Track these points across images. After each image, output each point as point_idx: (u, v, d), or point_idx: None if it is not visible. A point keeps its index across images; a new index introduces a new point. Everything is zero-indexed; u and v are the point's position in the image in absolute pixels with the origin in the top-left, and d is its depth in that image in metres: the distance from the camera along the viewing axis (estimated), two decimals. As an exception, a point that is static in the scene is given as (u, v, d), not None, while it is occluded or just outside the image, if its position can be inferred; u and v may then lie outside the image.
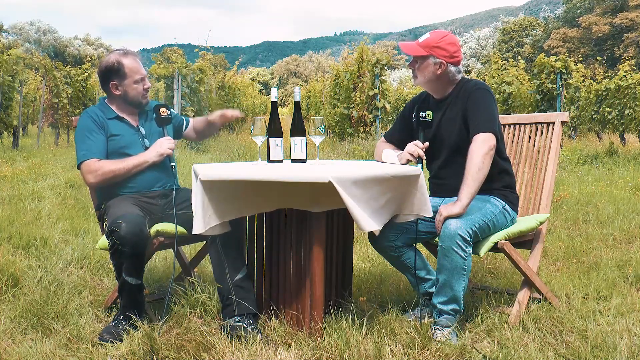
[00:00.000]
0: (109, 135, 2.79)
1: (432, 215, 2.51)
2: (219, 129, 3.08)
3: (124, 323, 2.51)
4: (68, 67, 15.01)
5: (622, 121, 12.25)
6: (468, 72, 46.39)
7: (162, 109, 2.82)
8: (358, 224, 2.27)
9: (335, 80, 13.73)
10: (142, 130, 2.88)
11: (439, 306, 2.48)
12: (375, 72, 11.06)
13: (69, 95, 14.25)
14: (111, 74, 2.81)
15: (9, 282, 3.00)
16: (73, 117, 3.17)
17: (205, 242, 2.93)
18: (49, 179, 6.99)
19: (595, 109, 13.59)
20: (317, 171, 2.32)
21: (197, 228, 2.36)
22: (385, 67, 11.17)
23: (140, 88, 2.83)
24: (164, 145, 2.81)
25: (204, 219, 2.36)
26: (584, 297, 2.92)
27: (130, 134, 2.84)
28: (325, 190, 2.31)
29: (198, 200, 2.36)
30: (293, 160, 2.69)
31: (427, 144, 2.65)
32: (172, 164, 2.86)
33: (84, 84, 15.03)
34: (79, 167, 2.74)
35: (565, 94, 10.33)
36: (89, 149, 2.72)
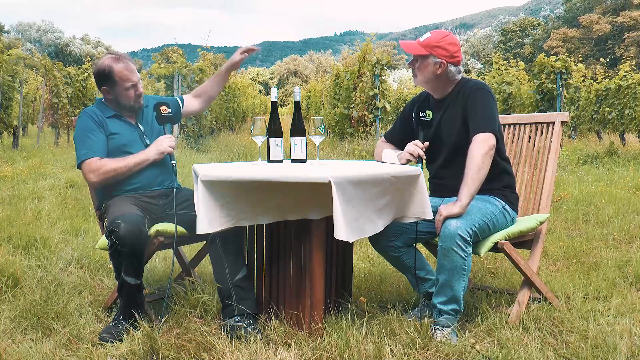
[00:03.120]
0: (108, 133, 2.78)
1: (432, 216, 2.51)
2: (226, 80, 3.14)
3: (124, 323, 2.51)
4: (68, 67, 15.02)
5: (622, 121, 12.25)
6: (468, 71, 46.40)
7: (162, 107, 2.81)
8: (335, 229, 2.21)
9: (335, 80, 13.73)
10: (141, 127, 2.88)
11: (439, 306, 2.48)
12: (376, 72, 11.06)
13: (69, 95, 14.25)
14: (102, 79, 2.81)
15: (9, 282, 3.00)
16: (73, 117, 3.18)
17: (205, 242, 2.93)
18: (49, 179, 6.99)
19: (595, 109, 13.59)
20: (317, 171, 2.32)
21: (202, 228, 2.33)
22: (386, 67, 11.16)
23: (131, 94, 2.82)
24: (164, 143, 2.81)
25: (208, 219, 2.34)
26: (584, 297, 2.92)
27: (130, 132, 2.84)
28: (325, 196, 2.29)
29: (201, 201, 2.35)
30: (293, 160, 2.69)
31: (427, 143, 2.65)
32: (172, 162, 2.86)
33: (84, 84, 15.04)
34: (79, 167, 2.74)
35: (565, 94, 10.33)
36: (90, 148, 2.72)
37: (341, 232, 2.21)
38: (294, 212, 2.43)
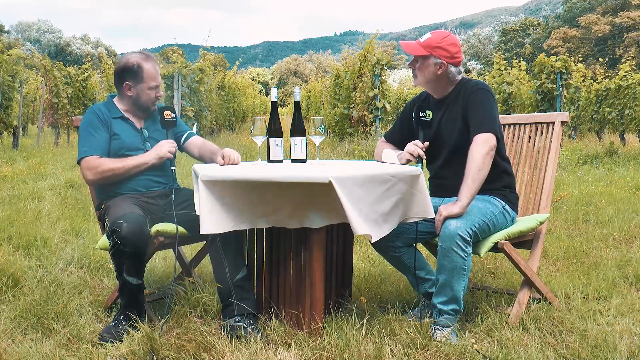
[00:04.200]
0: (111, 134, 2.78)
1: (434, 215, 2.51)
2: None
3: (124, 323, 2.50)
4: (68, 67, 15.04)
5: (622, 121, 12.26)
6: (468, 71, 46.40)
7: (166, 112, 2.80)
8: (351, 226, 2.23)
9: (335, 80, 13.73)
10: (146, 133, 2.88)
11: (439, 306, 2.48)
12: (376, 72, 11.07)
13: (69, 95, 14.25)
14: (128, 74, 2.81)
15: (9, 282, 3.00)
16: (73, 117, 3.17)
17: (205, 242, 2.92)
18: (49, 179, 6.99)
19: (595, 109, 13.60)
20: (317, 171, 2.32)
21: (206, 228, 2.32)
22: (386, 67, 11.16)
23: (152, 95, 2.83)
24: (164, 148, 2.79)
25: (214, 220, 2.33)
26: (584, 297, 2.92)
27: (132, 136, 2.84)
28: (325, 203, 2.27)
29: (203, 201, 2.34)
30: (293, 160, 2.69)
31: (427, 143, 2.65)
32: (172, 167, 2.84)
33: (84, 84, 15.05)
34: (79, 163, 2.74)
35: (565, 94, 10.33)
36: (91, 146, 2.72)
37: (360, 227, 2.21)
38: (294, 219, 2.40)
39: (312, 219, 2.37)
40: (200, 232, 2.34)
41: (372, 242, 2.40)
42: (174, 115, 2.83)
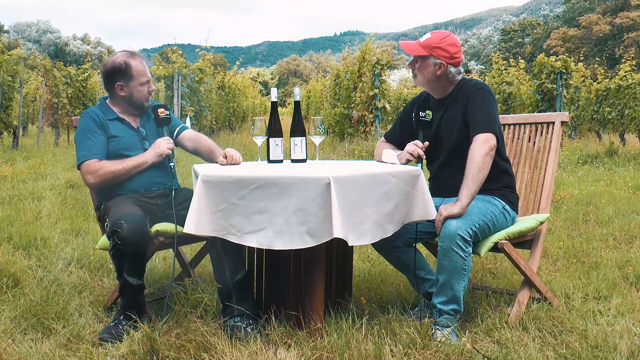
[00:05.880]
0: (109, 136, 2.78)
1: (434, 216, 2.51)
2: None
3: (124, 323, 2.50)
4: (68, 67, 15.04)
5: (622, 121, 12.25)
6: (468, 71, 46.38)
7: (160, 110, 2.82)
8: (331, 226, 2.17)
9: (335, 80, 13.73)
10: (143, 131, 2.88)
11: (439, 306, 2.48)
12: (375, 72, 11.06)
13: (69, 95, 14.25)
14: (117, 74, 2.80)
15: (9, 282, 3.00)
16: (73, 117, 3.17)
17: (205, 242, 2.92)
18: (49, 179, 6.99)
19: (595, 109, 13.59)
20: (316, 171, 2.32)
21: (189, 228, 2.30)
22: (385, 67, 11.17)
23: (145, 90, 2.83)
24: (162, 145, 2.80)
25: (197, 221, 2.30)
26: (584, 297, 2.92)
27: (130, 136, 2.84)
28: (321, 216, 2.22)
29: (196, 201, 2.33)
30: (293, 160, 2.69)
31: (426, 143, 2.65)
32: (170, 164, 2.85)
33: (84, 84, 15.06)
34: (79, 168, 2.74)
35: (565, 94, 10.33)
36: (90, 150, 2.72)
37: (338, 230, 2.18)
38: (281, 238, 2.28)
39: (300, 236, 2.26)
40: (184, 231, 2.31)
41: (350, 244, 2.32)
42: (167, 112, 2.85)
